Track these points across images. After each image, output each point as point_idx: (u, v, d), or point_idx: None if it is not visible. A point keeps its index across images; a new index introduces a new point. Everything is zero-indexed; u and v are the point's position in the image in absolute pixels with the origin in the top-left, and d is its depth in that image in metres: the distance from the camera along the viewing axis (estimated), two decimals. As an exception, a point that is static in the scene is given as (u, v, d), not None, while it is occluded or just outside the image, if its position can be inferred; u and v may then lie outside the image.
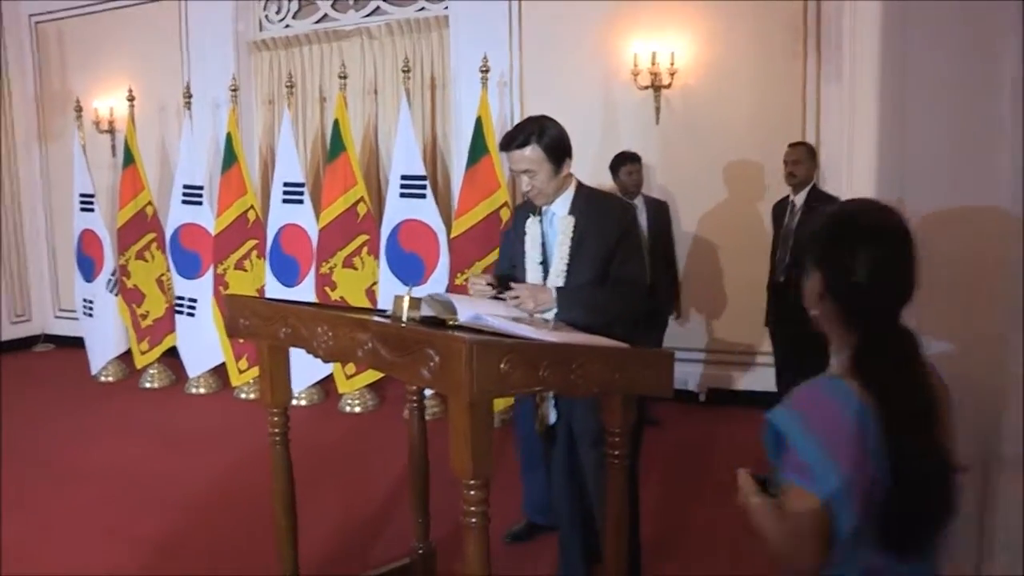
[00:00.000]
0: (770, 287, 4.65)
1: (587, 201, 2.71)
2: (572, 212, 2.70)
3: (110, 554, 3.57)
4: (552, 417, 2.78)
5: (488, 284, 2.72)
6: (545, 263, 2.74)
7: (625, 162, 4.98)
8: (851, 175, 2.46)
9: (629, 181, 4.96)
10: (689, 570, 3.38)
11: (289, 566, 2.78)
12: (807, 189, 4.47)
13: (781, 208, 4.63)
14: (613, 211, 2.72)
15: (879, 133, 2.35)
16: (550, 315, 2.60)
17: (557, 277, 2.68)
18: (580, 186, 2.75)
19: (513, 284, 2.66)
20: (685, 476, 4.38)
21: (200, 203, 6.25)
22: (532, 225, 2.78)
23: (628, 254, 2.67)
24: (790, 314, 4.37)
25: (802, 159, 4.46)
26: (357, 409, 5.75)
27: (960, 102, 2.24)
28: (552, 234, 2.74)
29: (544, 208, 2.75)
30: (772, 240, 4.70)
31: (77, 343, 7.20)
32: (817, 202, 4.35)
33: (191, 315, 6.32)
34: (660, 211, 5.06)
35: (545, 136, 2.62)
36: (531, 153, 2.61)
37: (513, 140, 2.64)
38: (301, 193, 5.81)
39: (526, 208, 2.88)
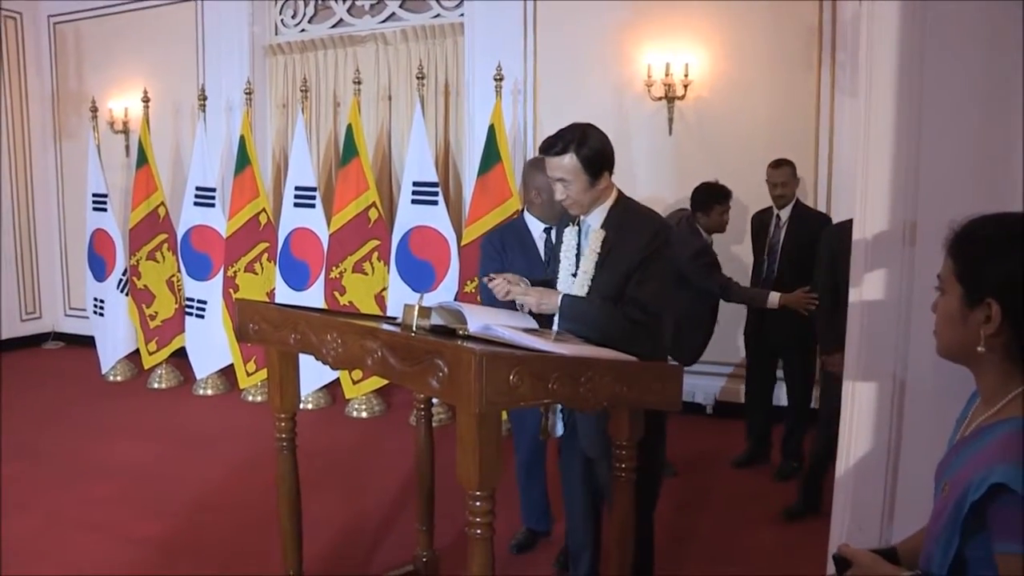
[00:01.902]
0: None
1: (623, 216, 2.60)
2: (605, 226, 2.60)
3: (114, 553, 3.58)
4: (559, 430, 2.75)
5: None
6: (576, 275, 2.64)
7: (722, 199, 4.44)
8: (866, 190, 2.44)
9: (722, 222, 4.45)
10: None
11: (293, 569, 2.78)
12: (791, 204, 4.57)
13: (762, 220, 4.67)
14: (646, 230, 2.58)
15: (894, 148, 2.34)
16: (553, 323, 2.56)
17: (580, 290, 2.58)
18: (619, 199, 2.64)
19: (522, 286, 2.61)
20: (694, 488, 4.36)
21: (212, 205, 6.27)
22: (569, 235, 2.69)
23: (647, 275, 2.54)
24: (776, 324, 4.43)
25: (788, 179, 4.53)
26: (364, 414, 5.74)
27: (977, 118, 2.22)
28: (585, 245, 2.64)
29: (581, 218, 2.66)
30: (753, 251, 4.75)
31: (86, 342, 7.23)
32: (802, 216, 4.52)
33: (200, 317, 6.33)
34: None
35: (585, 147, 2.50)
36: (568, 162, 2.50)
37: (552, 147, 2.53)
38: (313, 197, 5.82)
39: (517, 224, 2.79)
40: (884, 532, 2.37)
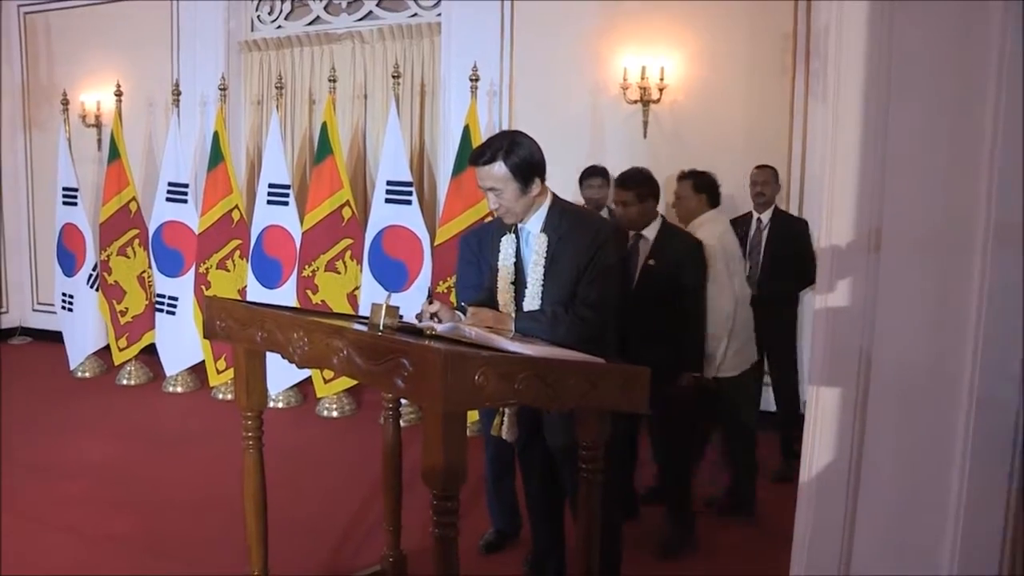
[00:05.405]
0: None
1: (562, 217, 2.62)
2: (545, 230, 2.61)
3: (81, 551, 3.54)
4: (512, 434, 2.71)
5: (434, 315, 2.50)
6: (516, 283, 2.65)
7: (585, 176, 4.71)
8: (832, 195, 2.46)
9: (588, 197, 4.57)
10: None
11: (258, 568, 2.77)
12: (771, 208, 4.77)
13: (741, 224, 4.76)
14: (587, 228, 2.61)
15: (861, 153, 2.36)
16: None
17: (533, 300, 2.59)
18: (555, 202, 2.65)
19: (473, 309, 2.58)
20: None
21: (185, 201, 6.22)
22: (507, 243, 2.69)
23: (594, 275, 2.57)
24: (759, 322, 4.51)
25: (769, 180, 4.77)
26: (334, 413, 5.72)
27: (944, 124, 2.25)
28: (528, 253, 2.65)
29: (520, 226, 2.66)
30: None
31: (54, 337, 7.15)
32: (781, 220, 4.75)
33: (171, 313, 6.28)
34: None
35: (513, 154, 2.50)
36: (497, 171, 2.50)
37: (480, 156, 2.54)
38: (286, 195, 5.79)
39: (492, 226, 2.82)
40: (846, 537, 2.39)
